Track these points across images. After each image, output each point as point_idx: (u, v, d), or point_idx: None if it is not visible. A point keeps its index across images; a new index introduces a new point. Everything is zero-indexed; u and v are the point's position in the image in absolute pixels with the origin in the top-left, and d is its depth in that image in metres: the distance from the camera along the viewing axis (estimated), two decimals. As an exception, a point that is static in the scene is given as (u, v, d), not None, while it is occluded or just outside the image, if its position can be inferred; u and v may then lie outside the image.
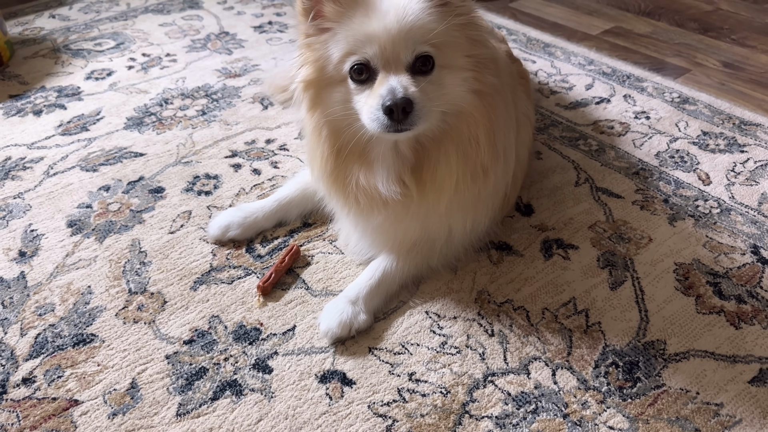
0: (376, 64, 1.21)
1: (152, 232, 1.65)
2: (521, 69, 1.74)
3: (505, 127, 1.37)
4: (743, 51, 2.55)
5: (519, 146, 1.55)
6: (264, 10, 2.96)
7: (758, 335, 1.34)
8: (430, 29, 1.19)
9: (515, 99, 1.50)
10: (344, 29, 1.22)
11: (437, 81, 1.23)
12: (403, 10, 1.19)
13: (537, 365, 1.29)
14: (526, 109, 1.63)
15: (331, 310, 1.35)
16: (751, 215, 1.66)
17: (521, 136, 1.56)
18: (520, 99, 1.57)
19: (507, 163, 1.43)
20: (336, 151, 1.31)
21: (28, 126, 2.11)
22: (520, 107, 1.57)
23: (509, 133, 1.42)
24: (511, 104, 1.44)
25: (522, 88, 1.64)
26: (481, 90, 1.27)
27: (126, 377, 1.28)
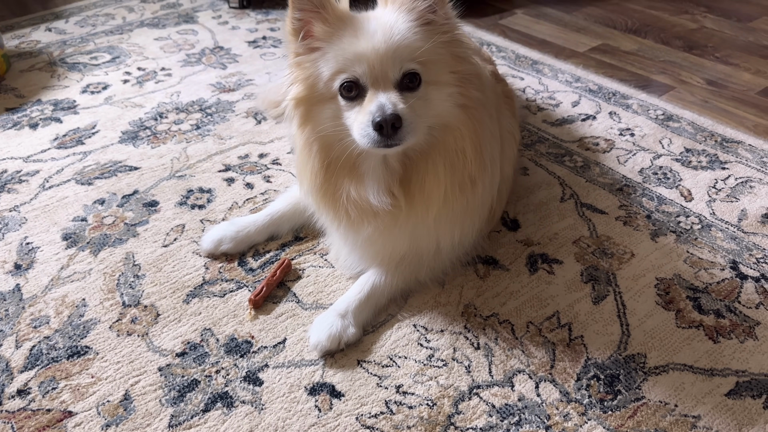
0: (365, 81, 1.25)
1: (146, 245, 1.68)
2: (506, 89, 1.79)
3: (490, 141, 1.41)
4: (726, 69, 2.61)
5: (504, 162, 1.59)
6: (258, 25, 3.01)
7: (735, 349, 1.38)
8: (417, 47, 1.24)
9: (500, 117, 1.55)
10: (334, 49, 1.26)
11: (424, 97, 1.28)
12: (390, 30, 1.24)
13: (521, 378, 1.32)
14: (511, 126, 1.67)
15: (320, 323, 1.39)
16: (730, 231, 1.71)
17: (506, 152, 1.61)
18: (504, 117, 1.62)
19: (492, 177, 1.47)
20: (326, 166, 1.35)
21: (24, 139, 2.14)
22: (505, 125, 1.61)
23: (494, 147, 1.46)
24: (496, 120, 1.49)
25: (507, 106, 1.69)
26: (466, 104, 1.32)
27: (119, 389, 1.30)
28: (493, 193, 1.52)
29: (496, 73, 1.79)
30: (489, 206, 1.53)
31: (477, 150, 1.34)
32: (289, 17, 1.30)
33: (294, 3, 1.27)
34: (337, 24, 1.27)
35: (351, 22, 1.27)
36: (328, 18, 1.26)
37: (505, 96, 1.73)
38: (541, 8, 3.24)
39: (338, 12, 1.27)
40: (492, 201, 1.53)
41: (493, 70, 1.78)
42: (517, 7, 3.25)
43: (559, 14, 3.17)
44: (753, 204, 1.81)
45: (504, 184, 1.64)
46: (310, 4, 1.26)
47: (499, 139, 1.51)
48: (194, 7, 3.23)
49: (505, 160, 1.60)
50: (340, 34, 1.26)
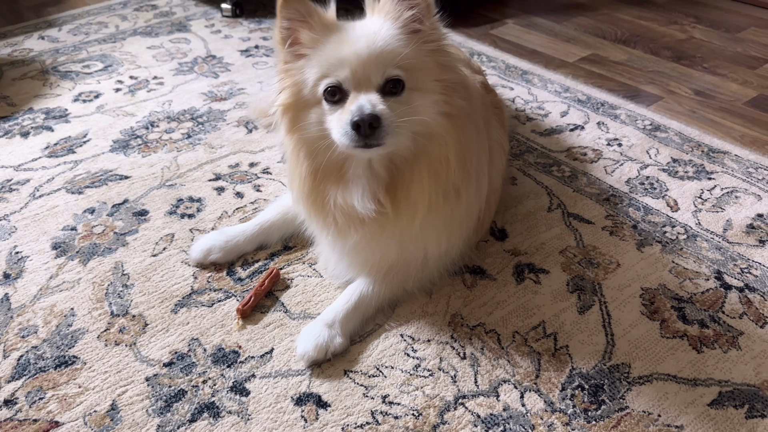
0: (348, 86, 1.27)
1: (135, 254, 1.68)
2: (495, 99, 1.81)
3: (476, 151, 1.43)
4: (714, 79, 2.64)
5: (493, 173, 1.61)
6: (251, 34, 3.02)
7: (719, 359, 1.40)
8: (399, 53, 1.26)
9: (488, 127, 1.56)
10: (318, 54, 1.29)
11: (407, 102, 1.29)
12: (374, 36, 1.26)
13: (506, 388, 1.34)
14: (500, 137, 1.69)
15: (308, 333, 1.39)
16: (715, 241, 1.73)
17: (494, 163, 1.62)
18: (493, 128, 1.64)
19: (480, 187, 1.49)
20: (313, 172, 1.37)
21: (16, 148, 2.15)
22: (494, 136, 1.63)
23: (481, 157, 1.47)
24: (483, 131, 1.50)
25: (496, 117, 1.71)
26: (451, 113, 1.33)
27: (106, 399, 1.31)
28: (481, 204, 1.53)
29: (485, 84, 1.81)
30: (476, 216, 1.54)
31: (460, 159, 1.36)
32: (278, 26, 1.32)
33: (282, 12, 1.30)
34: (323, 31, 1.29)
35: (337, 30, 1.29)
36: (315, 26, 1.29)
37: (494, 106, 1.75)
38: (532, 18, 3.27)
39: (324, 20, 1.30)
40: (480, 211, 1.54)
41: (482, 80, 1.79)
42: (508, 17, 3.28)
43: (550, 24, 3.20)
44: (738, 214, 1.83)
45: (493, 195, 1.65)
46: (297, 14, 1.29)
47: (487, 149, 1.52)
48: (187, 15, 3.25)
49: (493, 170, 1.61)
50: (325, 41, 1.29)
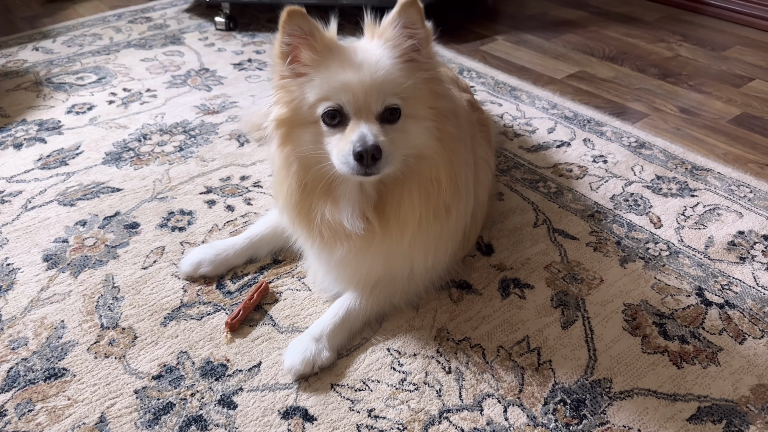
0: (348, 110, 1.30)
1: (126, 267, 1.70)
2: (482, 117, 1.84)
3: (464, 170, 1.46)
4: (699, 97, 2.69)
5: (479, 189, 1.64)
6: (244, 48, 3.05)
7: (698, 374, 1.43)
8: (399, 83, 1.30)
9: (474, 145, 1.60)
10: (320, 76, 1.31)
11: (402, 129, 1.33)
12: (376, 64, 1.30)
13: (490, 402, 1.36)
14: (486, 154, 1.72)
15: (295, 347, 1.42)
16: (697, 258, 1.77)
17: (481, 179, 1.66)
18: (479, 145, 1.67)
19: (467, 203, 1.52)
20: (303, 185, 1.40)
21: (8, 159, 2.16)
22: (480, 153, 1.67)
23: (468, 175, 1.51)
24: (470, 149, 1.54)
25: (482, 134, 1.74)
26: (442, 137, 1.37)
27: (95, 411, 1.32)
28: (467, 219, 1.56)
29: (472, 102, 1.85)
30: (462, 232, 1.57)
31: (452, 180, 1.39)
32: (279, 41, 1.35)
33: (284, 28, 1.32)
34: (324, 52, 1.32)
35: (338, 52, 1.32)
36: (316, 46, 1.32)
37: (480, 124, 1.78)
38: (521, 35, 3.32)
39: (326, 41, 1.33)
40: (465, 227, 1.57)
41: (469, 98, 1.83)
42: (498, 33, 3.33)
43: (539, 41, 3.25)
44: (720, 231, 1.87)
45: (479, 210, 1.68)
46: (299, 31, 1.32)
47: (473, 167, 1.55)
48: (181, 28, 3.28)
49: (480, 186, 1.65)
50: (327, 63, 1.31)
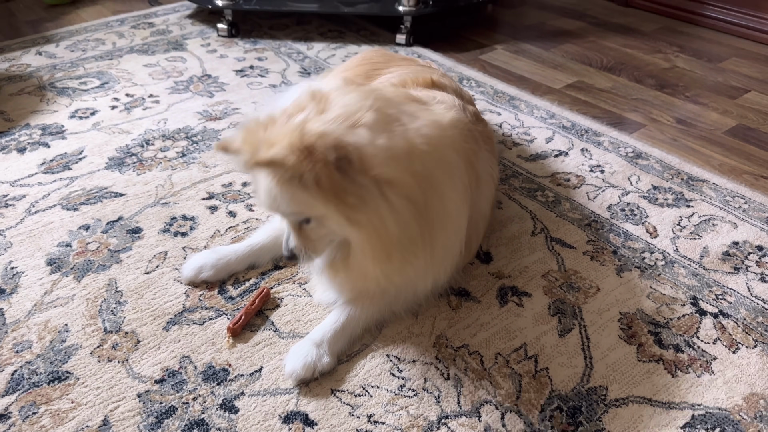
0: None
1: (129, 272, 1.72)
2: (486, 130, 1.83)
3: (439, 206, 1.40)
4: (695, 108, 2.72)
5: (482, 201, 1.67)
6: (246, 54, 3.08)
7: (692, 383, 1.45)
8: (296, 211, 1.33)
9: (475, 161, 1.58)
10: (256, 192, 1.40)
11: (316, 227, 1.38)
12: (270, 192, 1.30)
13: (488, 408, 1.38)
14: (490, 168, 1.73)
15: (296, 352, 1.44)
16: (692, 268, 1.79)
17: (483, 191, 1.67)
18: (482, 159, 1.67)
19: (450, 230, 1.47)
20: None
21: (12, 163, 2.18)
22: (483, 167, 1.67)
23: (458, 197, 1.46)
24: (463, 174, 1.48)
25: (487, 147, 1.74)
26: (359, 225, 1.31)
27: (99, 414, 1.34)
28: (461, 237, 1.54)
29: (476, 114, 1.84)
30: (458, 250, 1.55)
31: (384, 247, 1.34)
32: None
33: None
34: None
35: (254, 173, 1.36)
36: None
37: (486, 137, 1.77)
38: (520, 44, 3.35)
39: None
40: (461, 245, 1.55)
41: (474, 110, 1.83)
42: (497, 42, 3.37)
43: (538, 51, 3.28)
44: (715, 242, 1.89)
45: (482, 220, 1.71)
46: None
47: (462, 186, 1.49)
48: (184, 34, 3.30)
49: (482, 198, 1.67)
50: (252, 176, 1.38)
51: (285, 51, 3.14)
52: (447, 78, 1.95)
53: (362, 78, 2.04)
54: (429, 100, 1.61)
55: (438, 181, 1.38)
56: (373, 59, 2.14)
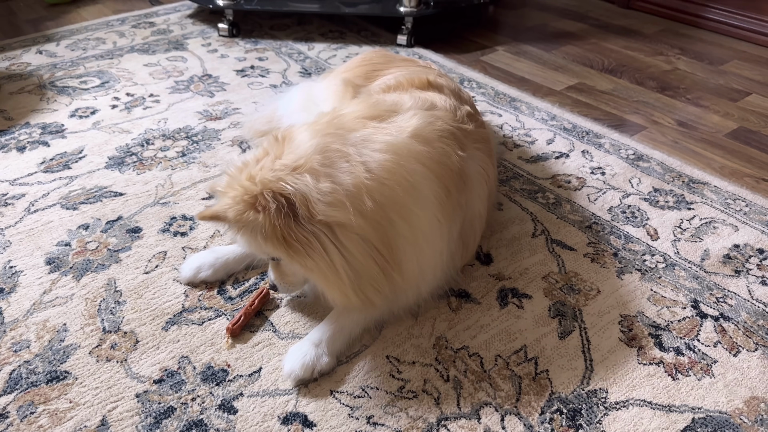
0: None
1: (128, 271, 1.72)
2: (480, 130, 1.78)
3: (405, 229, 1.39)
4: (697, 110, 2.72)
5: (475, 200, 1.64)
6: (247, 54, 3.08)
7: (693, 386, 1.45)
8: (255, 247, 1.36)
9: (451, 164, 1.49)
10: None
11: (286, 265, 1.46)
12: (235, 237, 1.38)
13: (487, 410, 1.38)
14: (481, 167, 1.67)
15: (295, 352, 1.43)
16: (693, 270, 1.79)
17: (475, 191, 1.64)
18: (471, 159, 1.62)
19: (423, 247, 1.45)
20: None
21: (11, 162, 2.18)
22: (473, 166, 1.62)
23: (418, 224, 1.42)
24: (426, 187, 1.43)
25: (478, 146, 1.69)
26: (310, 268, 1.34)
27: (97, 414, 1.34)
28: (440, 249, 1.51)
29: (471, 115, 1.79)
30: (437, 262, 1.53)
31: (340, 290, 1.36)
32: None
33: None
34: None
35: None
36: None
37: (479, 137, 1.73)
38: (521, 46, 3.35)
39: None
40: (440, 256, 1.53)
41: (467, 111, 1.77)
42: (498, 44, 3.36)
43: (539, 52, 3.28)
44: (715, 244, 1.89)
45: (478, 220, 1.69)
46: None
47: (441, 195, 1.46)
48: (184, 34, 3.30)
49: (475, 198, 1.64)
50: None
51: (286, 51, 3.14)
52: (445, 78, 1.94)
53: (362, 79, 2.03)
54: (396, 109, 1.54)
55: (399, 205, 1.36)
56: (373, 60, 2.14)
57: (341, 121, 1.45)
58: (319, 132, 1.38)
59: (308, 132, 1.39)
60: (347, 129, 1.41)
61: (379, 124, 1.45)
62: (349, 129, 1.41)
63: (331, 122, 1.44)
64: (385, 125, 1.45)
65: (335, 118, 1.47)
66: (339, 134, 1.39)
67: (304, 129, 1.41)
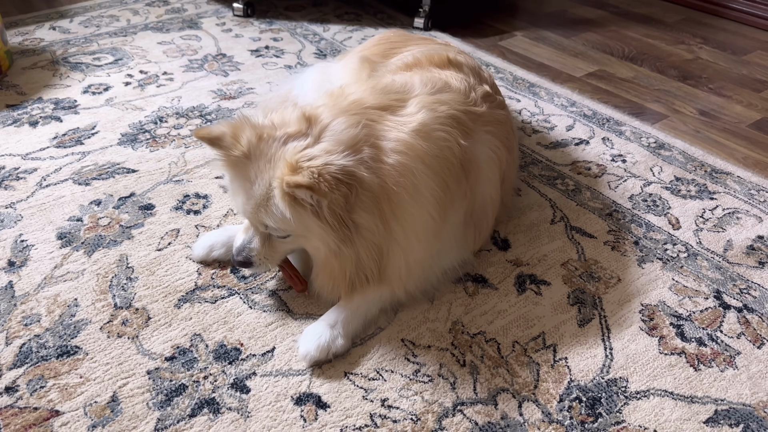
0: None
1: (140, 248, 1.69)
2: (495, 112, 1.71)
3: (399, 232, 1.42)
4: (719, 100, 2.66)
5: (486, 185, 1.61)
6: (261, 35, 3.04)
7: (716, 377, 1.41)
8: (281, 227, 1.37)
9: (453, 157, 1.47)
10: (230, 190, 1.46)
11: (291, 242, 1.44)
12: (264, 203, 1.35)
13: (504, 396, 1.35)
14: (492, 150, 1.63)
15: (310, 333, 1.41)
16: (716, 261, 1.75)
17: (485, 176, 1.60)
18: (479, 143, 1.58)
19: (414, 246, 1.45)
20: None
21: (24, 136, 2.16)
22: (483, 151, 1.59)
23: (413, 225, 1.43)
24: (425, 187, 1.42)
25: (488, 128, 1.63)
26: (336, 252, 1.39)
27: (107, 390, 1.32)
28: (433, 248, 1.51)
29: (488, 95, 1.73)
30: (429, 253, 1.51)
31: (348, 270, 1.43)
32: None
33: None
34: (235, 168, 1.39)
35: (243, 170, 1.37)
36: (228, 162, 1.39)
37: (492, 119, 1.67)
38: (540, 31, 3.29)
39: (234, 160, 1.38)
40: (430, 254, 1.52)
41: (484, 92, 1.71)
42: (517, 29, 3.31)
43: (558, 38, 3.22)
44: (739, 235, 1.84)
45: (491, 205, 1.65)
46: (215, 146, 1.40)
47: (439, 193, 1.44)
48: (198, 13, 3.26)
49: (485, 184, 1.61)
50: (234, 179, 1.41)
51: (301, 32, 3.10)
52: (464, 56, 1.89)
53: (379, 57, 1.99)
54: (405, 97, 1.51)
55: (401, 208, 1.38)
56: (391, 39, 2.10)
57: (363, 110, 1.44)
58: (353, 124, 1.37)
59: (348, 118, 1.38)
60: (371, 120, 1.42)
61: (391, 116, 1.45)
62: (372, 120, 1.42)
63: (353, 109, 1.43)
64: (397, 119, 1.44)
65: (353, 103, 1.45)
66: (373, 127, 1.40)
67: (328, 110, 1.41)
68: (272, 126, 1.38)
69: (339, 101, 1.46)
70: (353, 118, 1.39)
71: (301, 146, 1.33)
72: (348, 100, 1.46)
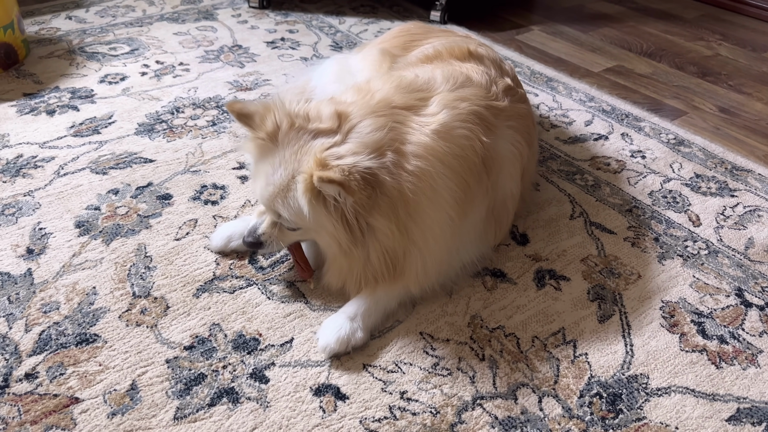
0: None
1: (158, 237, 1.69)
2: (517, 106, 1.70)
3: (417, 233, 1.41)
4: (739, 97, 2.63)
5: (506, 180, 1.60)
6: (277, 26, 3.03)
7: (737, 375, 1.39)
8: (295, 220, 1.38)
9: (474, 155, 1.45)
10: (252, 172, 1.46)
11: (302, 234, 1.46)
12: (282, 193, 1.36)
13: (524, 391, 1.34)
14: (513, 145, 1.61)
15: (330, 325, 1.40)
16: (737, 259, 1.73)
17: (506, 171, 1.59)
18: (501, 138, 1.57)
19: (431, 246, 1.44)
20: None
21: (41, 125, 2.16)
22: (504, 146, 1.58)
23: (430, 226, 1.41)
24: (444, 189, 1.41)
25: (510, 123, 1.62)
26: (345, 251, 1.40)
27: (126, 378, 1.32)
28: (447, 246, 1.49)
29: (509, 88, 1.72)
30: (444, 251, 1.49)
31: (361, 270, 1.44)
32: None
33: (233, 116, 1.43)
34: (260, 149, 1.40)
35: (268, 154, 1.38)
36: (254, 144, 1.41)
37: (514, 114, 1.66)
38: (557, 26, 3.27)
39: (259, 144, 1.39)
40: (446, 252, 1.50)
41: (505, 85, 1.70)
42: (534, 23, 3.28)
43: (576, 33, 3.19)
44: (760, 233, 1.82)
45: (511, 200, 1.64)
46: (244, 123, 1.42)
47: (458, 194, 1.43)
48: (214, 4, 3.26)
49: (507, 179, 1.60)
50: (258, 162, 1.41)
51: (316, 24, 3.09)
52: (485, 48, 1.87)
53: (399, 49, 1.98)
54: (427, 95, 1.50)
55: (418, 212, 1.38)
56: (411, 30, 2.08)
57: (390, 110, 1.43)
58: (380, 126, 1.36)
59: (376, 120, 1.38)
60: (397, 122, 1.41)
61: (414, 117, 1.43)
62: (398, 122, 1.41)
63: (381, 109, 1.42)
64: (420, 120, 1.43)
65: (380, 102, 1.43)
66: (394, 128, 1.39)
67: (358, 109, 1.40)
68: (306, 117, 1.37)
69: (367, 99, 1.46)
70: (380, 121, 1.38)
71: (328, 143, 1.33)
72: (375, 99, 1.45)
